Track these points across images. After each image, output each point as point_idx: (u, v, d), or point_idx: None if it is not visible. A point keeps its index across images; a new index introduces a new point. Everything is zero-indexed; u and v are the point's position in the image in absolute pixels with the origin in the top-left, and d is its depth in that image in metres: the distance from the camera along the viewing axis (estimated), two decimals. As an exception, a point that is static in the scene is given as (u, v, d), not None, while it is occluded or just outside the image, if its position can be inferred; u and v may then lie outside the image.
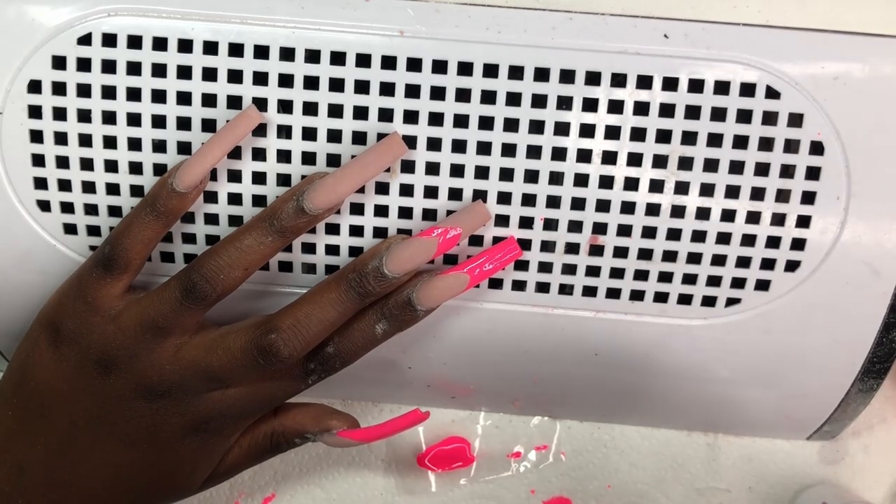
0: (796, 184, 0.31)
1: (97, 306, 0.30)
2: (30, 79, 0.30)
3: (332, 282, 0.30)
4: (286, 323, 0.29)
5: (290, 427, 0.33)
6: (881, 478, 0.42)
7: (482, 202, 0.30)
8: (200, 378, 0.30)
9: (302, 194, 0.29)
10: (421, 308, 0.30)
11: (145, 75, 0.30)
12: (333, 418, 0.33)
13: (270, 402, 0.32)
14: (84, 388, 0.31)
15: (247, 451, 0.34)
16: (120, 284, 0.31)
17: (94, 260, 0.30)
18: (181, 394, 0.31)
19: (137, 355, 0.30)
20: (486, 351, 0.35)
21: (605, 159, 0.30)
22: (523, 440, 0.42)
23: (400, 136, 0.29)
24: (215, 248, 0.30)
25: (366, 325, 0.31)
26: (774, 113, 0.30)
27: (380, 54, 0.30)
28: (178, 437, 0.32)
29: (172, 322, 0.30)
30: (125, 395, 0.31)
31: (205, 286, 0.29)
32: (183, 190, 0.29)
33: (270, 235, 0.29)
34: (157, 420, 0.31)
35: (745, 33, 0.30)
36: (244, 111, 0.29)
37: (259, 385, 0.31)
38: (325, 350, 0.31)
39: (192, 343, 0.31)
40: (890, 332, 0.32)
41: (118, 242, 0.30)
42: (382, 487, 0.41)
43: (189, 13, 0.30)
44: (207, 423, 0.32)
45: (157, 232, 0.30)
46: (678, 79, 0.30)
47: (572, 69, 0.30)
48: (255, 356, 0.29)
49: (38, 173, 0.31)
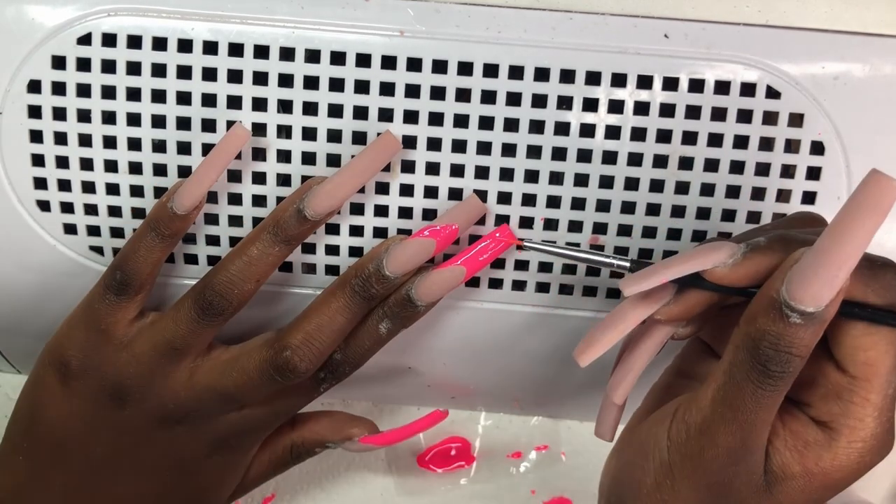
0: (797, 184, 0.31)
1: (111, 333, 0.30)
2: (29, 79, 0.30)
3: (336, 289, 0.30)
4: (298, 338, 0.30)
5: (309, 437, 0.34)
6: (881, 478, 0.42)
7: (476, 195, 0.30)
8: (217, 400, 0.31)
9: (301, 201, 0.29)
10: (421, 303, 0.30)
11: (145, 75, 0.30)
12: (353, 426, 0.34)
13: (286, 414, 0.33)
14: (100, 424, 0.31)
15: (267, 464, 0.34)
16: (133, 307, 0.31)
17: (104, 287, 0.30)
18: (199, 418, 0.31)
19: (153, 383, 0.30)
20: (486, 351, 0.35)
21: (605, 159, 0.30)
22: (523, 440, 0.42)
23: (392, 133, 0.29)
24: (224, 264, 0.30)
25: (370, 327, 0.31)
26: (775, 113, 0.30)
27: (380, 54, 0.30)
28: (199, 459, 0.32)
29: (189, 343, 0.30)
30: (143, 425, 0.31)
31: (221, 302, 0.29)
32: (183, 213, 0.29)
33: (276, 245, 0.29)
34: (178, 446, 0.31)
35: (746, 33, 0.30)
36: (232, 130, 0.29)
37: (274, 400, 0.32)
38: (333, 358, 0.31)
39: (205, 367, 0.31)
40: (890, 332, 0.32)
41: (129, 267, 0.30)
42: (382, 487, 0.41)
43: (189, 13, 0.30)
44: (227, 442, 0.32)
45: (164, 252, 0.30)
46: (678, 78, 0.30)
47: (572, 69, 0.30)
48: (271, 375, 0.30)
49: (37, 173, 0.31)
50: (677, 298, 0.26)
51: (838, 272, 0.22)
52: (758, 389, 0.23)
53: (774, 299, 0.23)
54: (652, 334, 0.28)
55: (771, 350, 0.23)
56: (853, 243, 0.22)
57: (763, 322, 0.23)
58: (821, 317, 0.22)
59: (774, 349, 0.23)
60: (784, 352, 0.23)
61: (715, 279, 0.25)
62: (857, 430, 0.24)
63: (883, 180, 0.21)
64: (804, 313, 0.22)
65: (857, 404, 0.24)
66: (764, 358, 0.23)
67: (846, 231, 0.22)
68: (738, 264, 0.25)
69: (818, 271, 0.22)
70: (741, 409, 0.24)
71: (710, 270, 0.25)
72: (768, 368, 0.23)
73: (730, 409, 0.24)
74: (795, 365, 0.23)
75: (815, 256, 0.22)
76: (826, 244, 0.22)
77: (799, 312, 0.22)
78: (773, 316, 0.23)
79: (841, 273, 0.22)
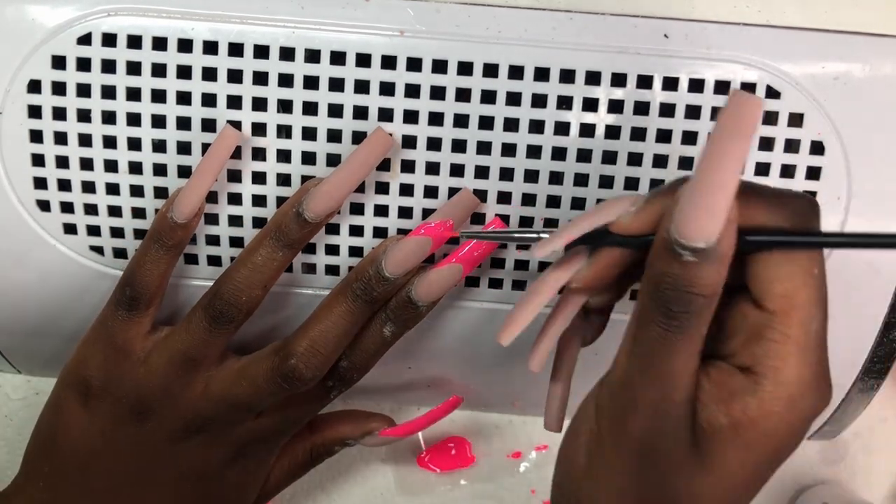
0: (797, 183, 0.31)
1: (128, 349, 0.31)
2: (29, 78, 0.30)
3: (338, 295, 0.30)
4: (302, 346, 0.30)
5: (329, 437, 0.35)
6: (881, 478, 0.42)
7: (468, 190, 0.30)
8: (231, 410, 0.31)
9: (300, 204, 0.29)
10: (422, 303, 0.30)
11: (145, 75, 0.30)
12: (371, 420, 0.35)
13: (300, 421, 0.33)
14: (122, 442, 0.31)
15: (287, 469, 0.35)
16: (146, 321, 0.31)
17: (116, 304, 0.31)
18: (216, 428, 0.31)
19: (171, 395, 0.31)
20: (485, 351, 0.35)
21: (605, 159, 0.30)
22: (523, 440, 0.42)
23: (383, 130, 0.29)
24: (230, 273, 0.30)
25: (374, 331, 0.31)
26: (775, 113, 0.30)
27: (380, 54, 0.30)
28: (219, 469, 0.32)
29: (203, 353, 0.30)
30: (163, 439, 0.31)
31: (230, 310, 0.30)
32: (183, 221, 0.29)
33: (280, 250, 0.30)
34: (198, 458, 0.32)
35: (746, 33, 0.30)
36: (221, 132, 0.29)
37: (287, 407, 0.32)
38: (339, 365, 0.31)
39: (218, 377, 0.31)
40: (890, 331, 0.32)
41: (137, 281, 0.30)
42: (382, 487, 0.41)
43: (189, 13, 0.30)
44: (245, 451, 0.32)
45: (170, 264, 0.30)
46: (678, 78, 0.30)
47: (572, 69, 0.30)
48: (278, 383, 0.30)
49: (37, 173, 0.31)
50: (589, 263, 0.26)
51: (717, 201, 0.21)
52: (665, 333, 0.23)
53: (665, 239, 0.22)
54: (565, 302, 0.27)
55: (670, 291, 0.22)
56: (725, 168, 0.21)
57: (659, 264, 0.22)
58: (716, 252, 0.22)
59: (673, 290, 0.22)
60: (684, 291, 0.22)
61: (621, 230, 0.24)
62: (782, 371, 0.22)
63: (742, 99, 0.21)
64: (696, 249, 0.21)
65: (777, 341, 0.23)
66: (665, 300, 0.22)
67: (715, 157, 0.21)
68: (640, 211, 0.24)
69: (697, 203, 0.21)
70: (653, 355, 0.23)
71: (616, 222, 0.24)
72: (670, 310, 0.22)
73: (643, 357, 0.23)
74: (699, 304, 0.22)
75: (691, 189, 0.21)
76: (699, 175, 0.21)
77: (691, 250, 0.22)
78: (667, 257, 0.22)
79: (720, 201, 0.21)
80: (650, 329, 0.23)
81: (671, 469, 0.24)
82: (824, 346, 0.23)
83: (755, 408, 0.23)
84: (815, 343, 0.23)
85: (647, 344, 0.23)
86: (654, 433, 0.24)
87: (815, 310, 0.23)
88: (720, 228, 0.21)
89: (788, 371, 0.22)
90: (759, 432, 0.23)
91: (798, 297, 0.23)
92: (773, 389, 0.22)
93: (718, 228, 0.21)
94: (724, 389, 0.23)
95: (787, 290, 0.23)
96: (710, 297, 0.22)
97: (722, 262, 0.22)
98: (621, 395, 0.24)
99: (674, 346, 0.23)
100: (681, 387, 0.23)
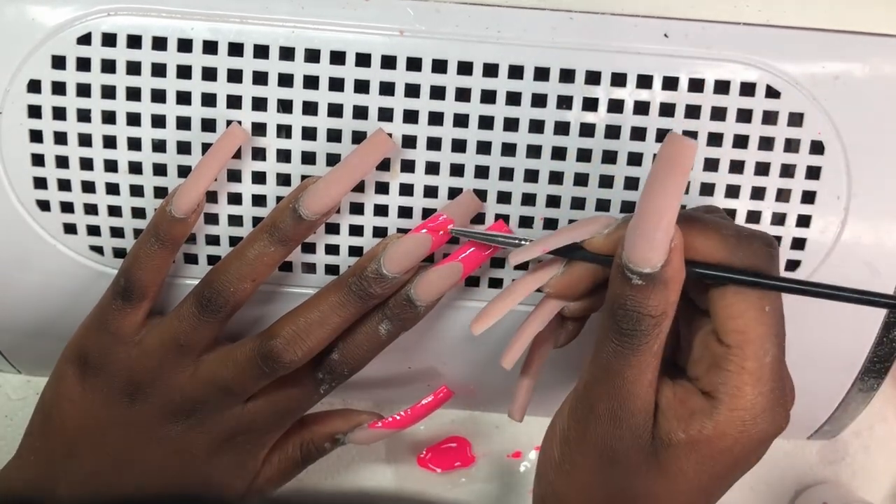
0: (796, 183, 0.31)
1: (121, 336, 0.31)
2: (29, 78, 0.30)
3: (333, 287, 0.30)
4: (286, 329, 0.30)
5: (319, 431, 0.34)
6: (881, 478, 0.42)
7: (471, 192, 0.30)
8: (217, 393, 0.31)
9: (296, 201, 0.29)
10: (421, 303, 0.30)
11: (145, 75, 0.30)
12: (361, 415, 0.35)
13: (289, 414, 0.33)
14: (111, 420, 0.31)
15: (278, 466, 0.34)
16: (140, 312, 0.31)
17: (112, 292, 0.31)
18: (203, 411, 0.31)
19: (161, 377, 0.31)
20: (485, 351, 0.35)
21: (604, 159, 0.30)
22: (523, 440, 0.42)
23: (384, 132, 0.29)
24: (223, 263, 0.30)
25: (369, 328, 0.31)
26: (775, 112, 0.30)
27: (380, 54, 0.30)
28: (206, 456, 0.32)
29: (192, 338, 0.31)
30: (152, 420, 0.31)
31: (218, 299, 0.30)
32: (182, 216, 0.30)
33: (273, 246, 0.30)
34: (185, 442, 0.32)
35: (746, 33, 0.30)
36: (229, 129, 0.29)
37: (274, 397, 0.32)
38: (331, 357, 0.31)
39: (207, 360, 0.31)
40: (890, 331, 0.32)
41: (131, 274, 0.30)
42: (383, 487, 0.41)
43: (189, 13, 0.30)
44: (233, 439, 0.32)
45: (166, 258, 0.31)
46: (678, 78, 0.30)
47: (572, 68, 0.30)
48: (258, 364, 0.30)
49: (37, 173, 0.31)
50: (562, 272, 0.28)
51: (655, 232, 0.23)
52: (618, 348, 0.25)
53: (619, 264, 0.25)
54: (542, 306, 0.29)
55: (621, 311, 0.25)
56: (662, 202, 0.23)
57: (614, 285, 0.25)
58: (661, 277, 0.24)
59: (624, 309, 0.25)
60: (633, 311, 0.24)
61: (592, 248, 0.27)
62: (737, 399, 0.25)
63: (677, 141, 0.23)
64: (642, 274, 0.24)
65: (733, 372, 0.25)
66: (618, 318, 0.25)
67: (653, 192, 0.23)
68: (611, 233, 0.26)
69: (638, 233, 0.24)
70: (609, 368, 0.26)
71: (588, 240, 0.27)
72: (622, 327, 0.25)
73: (601, 368, 0.26)
74: (648, 324, 0.24)
75: (635, 220, 0.24)
76: (640, 207, 0.24)
77: (637, 274, 0.24)
78: (621, 279, 0.25)
79: (658, 233, 0.23)
80: (607, 343, 0.25)
81: (630, 470, 0.26)
82: (778, 376, 0.25)
83: (711, 428, 0.25)
84: (769, 374, 0.25)
85: (604, 357, 0.26)
86: (613, 438, 0.26)
87: (769, 344, 0.25)
88: (662, 256, 0.24)
89: (743, 399, 0.25)
90: (714, 449, 0.25)
91: (751, 332, 0.25)
92: (729, 414, 0.25)
93: (660, 256, 0.24)
94: (686, 408, 0.26)
95: (740, 326, 0.25)
96: (659, 318, 0.24)
97: (668, 287, 0.24)
98: (584, 400, 0.27)
99: (627, 361, 0.25)
100: (636, 397, 0.26)
